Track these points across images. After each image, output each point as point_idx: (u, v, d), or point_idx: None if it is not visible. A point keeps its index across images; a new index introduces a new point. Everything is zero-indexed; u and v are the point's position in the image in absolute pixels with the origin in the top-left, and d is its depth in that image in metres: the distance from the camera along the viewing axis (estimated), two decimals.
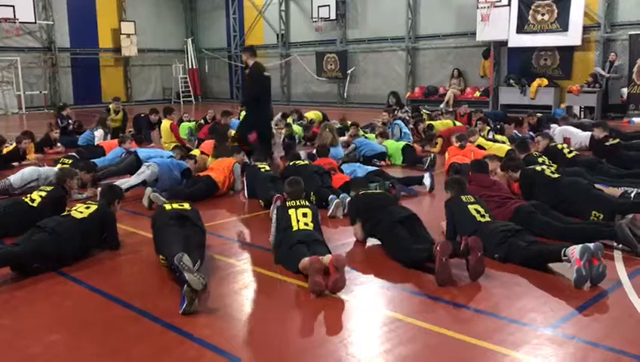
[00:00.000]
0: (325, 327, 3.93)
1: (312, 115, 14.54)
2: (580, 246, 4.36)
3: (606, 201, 5.96)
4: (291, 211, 5.11)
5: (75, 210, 5.26)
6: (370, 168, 8.26)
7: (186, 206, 5.36)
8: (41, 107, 22.90)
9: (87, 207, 5.29)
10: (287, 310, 4.16)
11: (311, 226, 5.03)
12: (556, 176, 6.45)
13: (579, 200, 5.99)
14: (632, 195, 6.24)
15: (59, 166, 8.30)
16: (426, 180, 7.61)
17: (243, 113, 14.53)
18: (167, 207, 5.31)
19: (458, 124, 12.67)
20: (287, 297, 4.39)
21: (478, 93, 19.23)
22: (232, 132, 10.29)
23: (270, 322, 4.01)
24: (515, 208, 5.63)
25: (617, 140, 9.11)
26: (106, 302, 4.35)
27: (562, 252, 4.48)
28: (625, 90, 15.75)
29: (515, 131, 12.40)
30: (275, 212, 5.32)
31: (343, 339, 3.69)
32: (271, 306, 4.29)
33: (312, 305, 4.22)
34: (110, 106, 14.39)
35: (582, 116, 15.31)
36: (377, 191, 6.18)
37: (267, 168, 7.52)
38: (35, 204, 5.96)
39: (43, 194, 6.13)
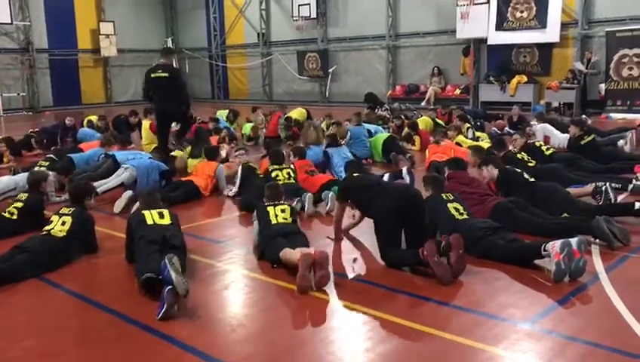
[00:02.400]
0: (306, 326, 3.93)
1: (295, 113, 14.41)
2: (561, 240, 4.39)
3: (583, 207, 5.98)
4: (269, 208, 5.28)
5: (53, 228, 5.12)
6: None
7: (166, 219, 4.97)
8: (20, 109, 22.54)
9: (63, 223, 5.15)
10: (267, 310, 4.15)
11: (289, 221, 5.21)
12: (533, 180, 6.47)
13: (554, 204, 5.98)
14: (603, 189, 6.30)
15: (36, 169, 8.17)
16: (405, 176, 7.70)
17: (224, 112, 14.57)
18: (149, 220, 4.89)
19: (439, 122, 12.71)
20: (268, 297, 4.37)
21: (458, 91, 19.31)
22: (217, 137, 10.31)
23: (251, 322, 4.00)
24: (494, 205, 5.66)
25: (592, 137, 9.20)
26: (84, 305, 4.31)
27: (542, 247, 4.51)
28: (603, 86, 15.93)
29: (494, 128, 12.47)
30: (255, 213, 5.41)
31: (323, 338, 3.69)
32: (251, 306, 4.27)
33: (292, 305, 4.22)
34: (95, 122, 13.42)
35: (562, 111, 15.45)
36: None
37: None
38: (14, 218, 5.91)
39: (19, 205, 6.04)
